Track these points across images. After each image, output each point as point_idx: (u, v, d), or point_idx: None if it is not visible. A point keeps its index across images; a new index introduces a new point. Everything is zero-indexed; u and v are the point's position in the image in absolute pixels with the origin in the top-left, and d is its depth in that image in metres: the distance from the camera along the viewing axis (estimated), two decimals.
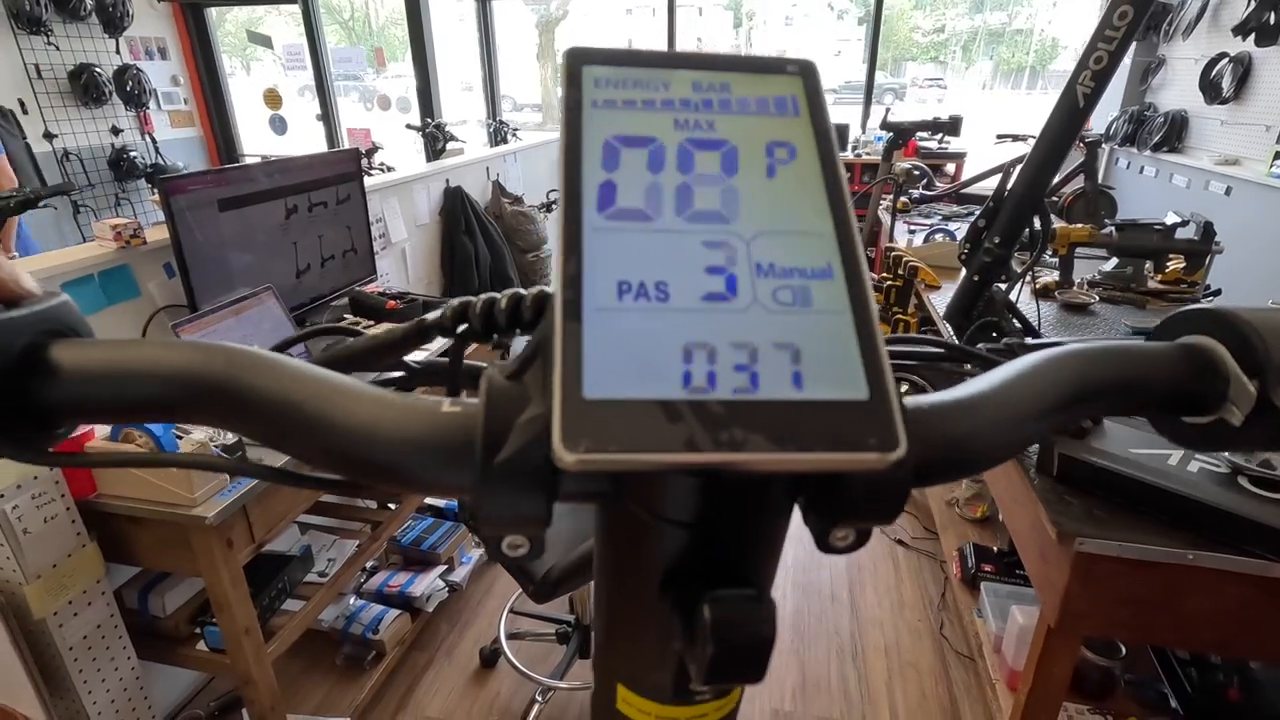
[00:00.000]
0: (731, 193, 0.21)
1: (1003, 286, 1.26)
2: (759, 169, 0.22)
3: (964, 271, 1.30)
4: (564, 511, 1.39)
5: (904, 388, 0.24)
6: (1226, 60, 3.42)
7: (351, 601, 1.97)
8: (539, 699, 1.80)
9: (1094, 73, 1.04)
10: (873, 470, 0.18)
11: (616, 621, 0.28)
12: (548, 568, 1.43)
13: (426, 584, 2.04)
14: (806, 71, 0.24)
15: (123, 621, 1.37)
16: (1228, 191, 3.36)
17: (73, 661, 1.27)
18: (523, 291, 0.28)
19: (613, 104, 0.22)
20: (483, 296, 0.28)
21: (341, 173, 2.08)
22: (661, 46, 4.85)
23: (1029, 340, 0.33)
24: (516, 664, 1.89)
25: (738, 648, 0.20)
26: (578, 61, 0.23)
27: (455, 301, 0.29)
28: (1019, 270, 1.23)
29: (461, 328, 0.29)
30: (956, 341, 1.35)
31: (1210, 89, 3.54)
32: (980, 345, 0.33)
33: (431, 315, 0.30)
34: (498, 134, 4.69)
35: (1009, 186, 1.20)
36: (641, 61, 0.23)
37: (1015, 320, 1.26)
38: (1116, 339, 0.31)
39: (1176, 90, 3.96)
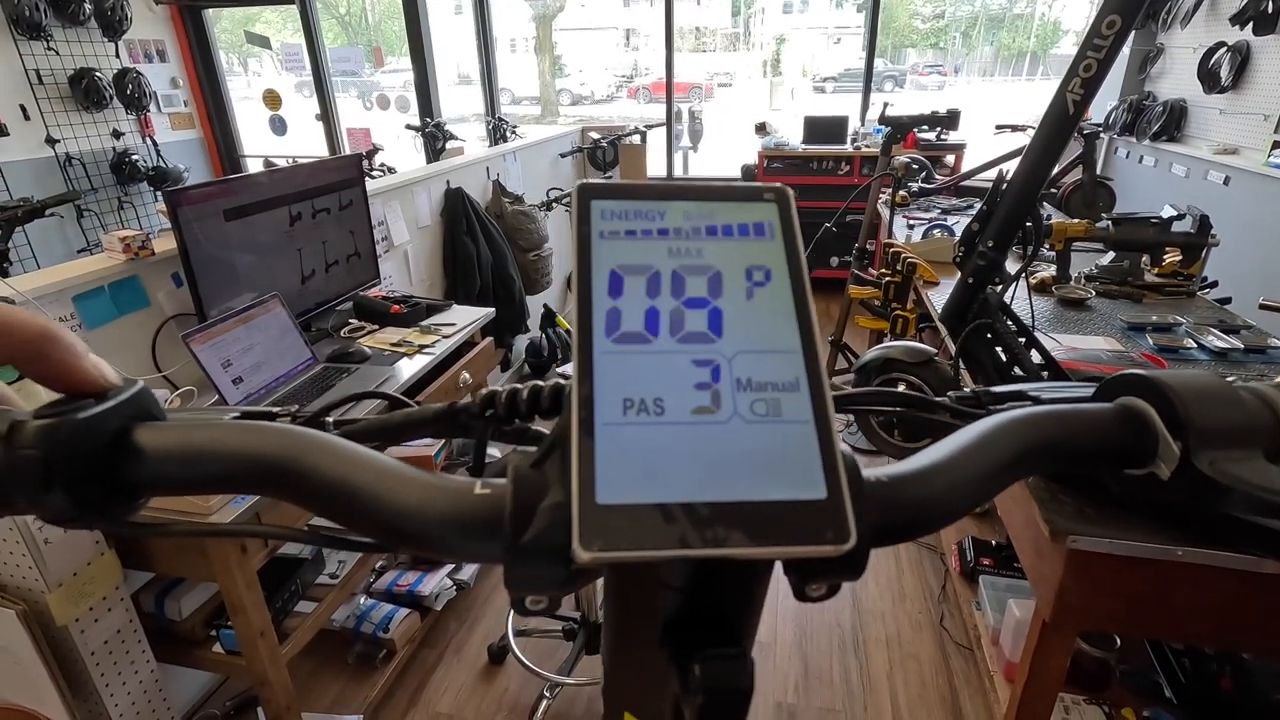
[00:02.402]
0: (716, 314, 0.24)
1: (997, 289, 1.28)
2: (740, 292, 0.25)
3: (959, 275, 1.32)
4: None
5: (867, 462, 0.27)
6: (1225, 49, 3.41)
7: (362, 601, 2.01)
8: (547, 695, 1.83)
9: (1083, 80, 1.06)
10: None
11: (622, 663, 0.33)
12: None
13: (435, 583, 2.08)
14: (781, 197, 0.27)
15: (141, 626, 1.40)
16: (1226, 181, 3.36)
17: (94, 665, 1.30)
18: (541, 384, 0.31)
19: (616, 234, 0.25)
20: (507, 387, 0.32)
21: (344, 178, 2.10)
22: (660, 40, 4.85)
23: (994, 389, 0.36)
24: (524, 660, 1.93)
25: (724, 701, 0.24)
26: (587, 196, 0.26)
27: (484, 391, 0.32)
28: (1013, 273, 1.25)
29: (488, 413, 0.33)
30: (951, 343, 1.37)
31: (1209, 78, 3.53)
32: (949, 394, 0.36)
33: (462, 401, 0.33)
34: (497, 131, 4.70)
35: (1002, 190, 1.23)
36: (641, 194, 0.26)
37: (1009, 321, 1.28)
38: (1068, 396, 0.34)
39: (1175, 79, 3.95)
